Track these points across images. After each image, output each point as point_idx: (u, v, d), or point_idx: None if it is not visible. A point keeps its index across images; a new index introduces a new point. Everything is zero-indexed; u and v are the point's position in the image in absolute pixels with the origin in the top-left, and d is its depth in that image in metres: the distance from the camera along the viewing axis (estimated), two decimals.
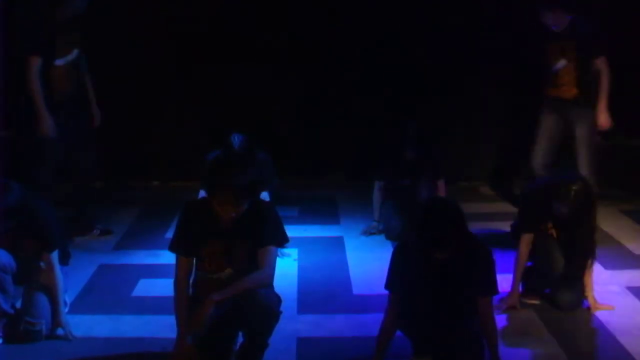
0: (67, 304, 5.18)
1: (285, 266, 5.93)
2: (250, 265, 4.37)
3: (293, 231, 5.57)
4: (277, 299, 4.43)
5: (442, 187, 6.62)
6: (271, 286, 4.42)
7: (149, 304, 5.37)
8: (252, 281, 4.30)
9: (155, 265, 6.02)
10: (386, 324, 4.42)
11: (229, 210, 4.29)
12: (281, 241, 4.49)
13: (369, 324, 4.90)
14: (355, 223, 6.96)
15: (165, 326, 4.83)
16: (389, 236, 6.54)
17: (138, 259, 6.24)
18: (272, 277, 4.41)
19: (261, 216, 4.40)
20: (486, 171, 8.22)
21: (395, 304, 4.38)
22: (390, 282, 4.40)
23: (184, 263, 4.43)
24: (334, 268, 6.05)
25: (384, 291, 4.44)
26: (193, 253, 4.44)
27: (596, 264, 5.39)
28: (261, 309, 4.29)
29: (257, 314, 4.29)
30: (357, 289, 5.66)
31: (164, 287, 5.25)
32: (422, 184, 6.55)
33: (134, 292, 5.62)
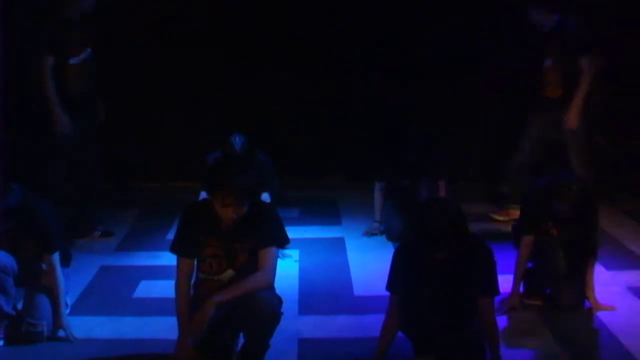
0: (68, 306, 5.17)
1: (286, 267, 5.93)
2: (251, 266, 4.37)
3: (294, 232, 5.57)
4: (278, 300, 4.42)
5: (443, 187, 6.61)
6: (272, 287, 4.42)
7: (150, 305, 5.37)
8: (253, 282, 4.31)
9: (156, 267, 6.01)
10: (387, 325, 4.42)
11: (229, 212, 4.28)
12: (282, 242, 4.48)
13: (370, 325, 4.89)
14: (356, 224, 6.95)
15: (166, 328, 4.82)
16: (390, 237, 6.54)
17: (139, 260, 6.24)
18: (273, 278, 4.41)
19: (262, 217, 4.39)
20: (486, 171, 8.22)
21: (396, 305, 4.38)
22: (392, 283, 4.40)
23: (185, 264, 4.43)
24: (335, 269, 6.05)
25: (385, 292, 4.44)
26: (194, 254, 4.44)
27: (598, 264, 5.40)
28: (262, 311, 4.28)
29: (258, 316, 4.28)
30: (358, 290, 5.65)
31: (165, 289, 5.25)
32: (422, 184, 6.54)
33: (135, 293, 5.62)
